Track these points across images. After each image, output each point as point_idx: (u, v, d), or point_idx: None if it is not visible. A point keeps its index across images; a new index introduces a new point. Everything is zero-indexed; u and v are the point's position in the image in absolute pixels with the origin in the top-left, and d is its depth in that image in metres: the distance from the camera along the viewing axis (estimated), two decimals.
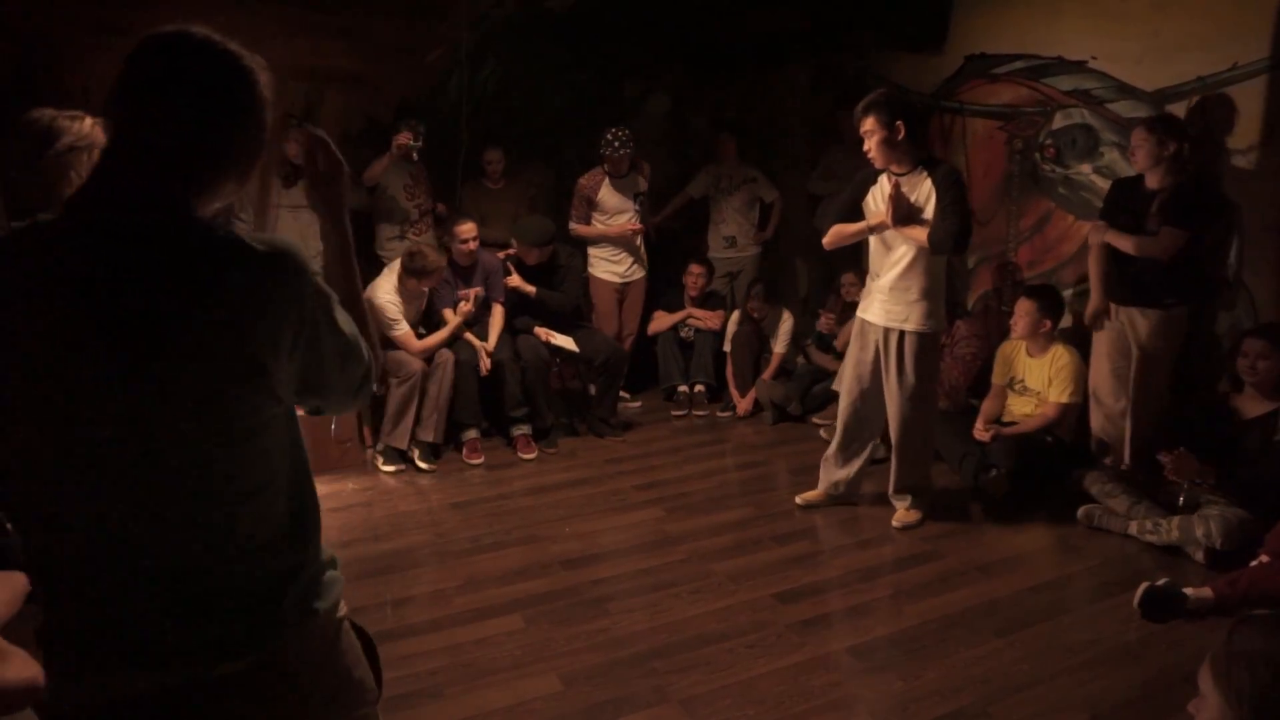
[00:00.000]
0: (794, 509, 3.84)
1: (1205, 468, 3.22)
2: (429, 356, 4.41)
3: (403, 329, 4.34)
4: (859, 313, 3.65)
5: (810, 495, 3.86)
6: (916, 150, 3.35)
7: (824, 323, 5.11)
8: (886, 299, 3.46)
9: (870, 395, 3.63)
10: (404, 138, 4.69)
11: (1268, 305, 3.53)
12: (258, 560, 1.07)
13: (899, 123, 3.23)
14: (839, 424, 3.79)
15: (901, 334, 3.45)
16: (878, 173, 3.43)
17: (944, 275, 3.46)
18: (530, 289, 4.75)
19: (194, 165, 1.05)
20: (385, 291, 4.32)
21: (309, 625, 1.11)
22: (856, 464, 3.78)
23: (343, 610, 1.21)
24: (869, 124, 3.28)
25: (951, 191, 3.25)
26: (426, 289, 4.47)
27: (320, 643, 1.14)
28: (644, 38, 5.67)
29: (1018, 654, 2.70)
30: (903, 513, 3.64)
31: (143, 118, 1.04)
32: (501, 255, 4.83)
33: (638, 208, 5.06)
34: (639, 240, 5.17)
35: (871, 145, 3.30)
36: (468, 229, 4.57)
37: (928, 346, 3.45)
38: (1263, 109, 3.44)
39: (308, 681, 1.11)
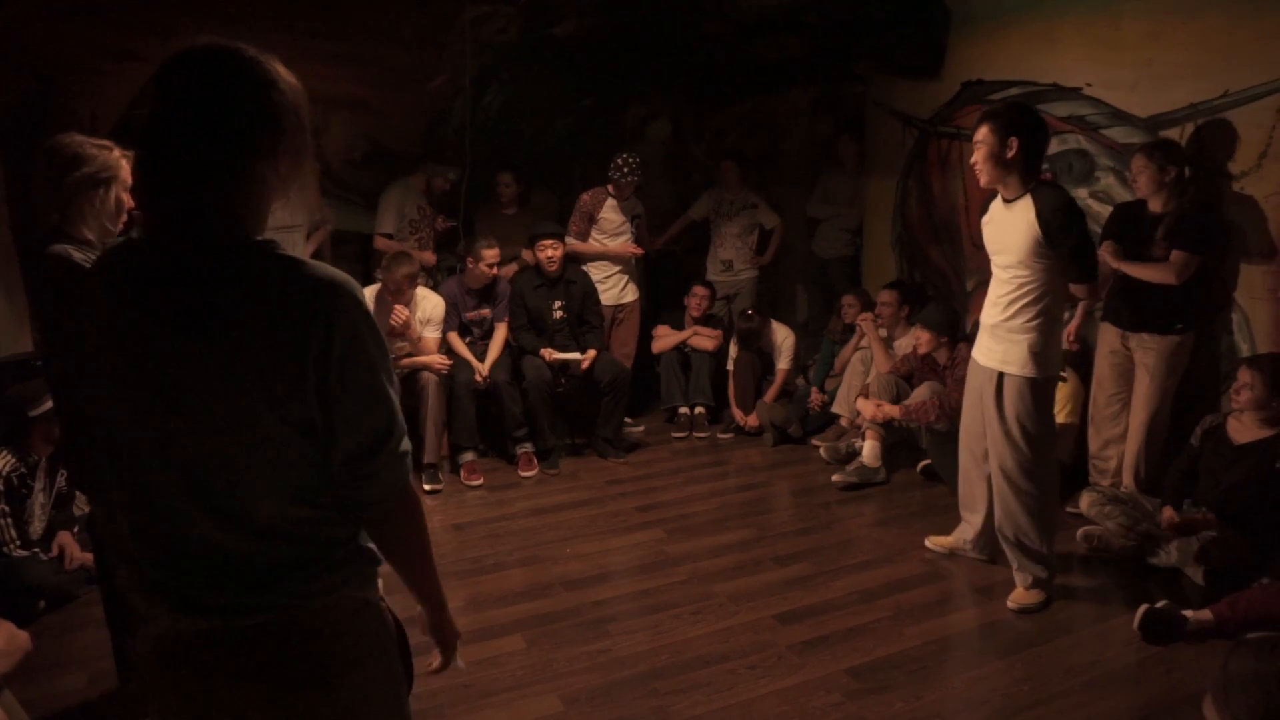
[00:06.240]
0: (794, 530, 3.85)
1: (1209, 518, 3.26)
2: (405, 375, 4.41)
3: None
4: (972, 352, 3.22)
5: (942, 541, 3.59)
6: (1028, 175, 2.90)
7: (815, 399, 5.14)
8: (990, 338, 3.08)
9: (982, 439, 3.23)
10: (440, 183, 5.04)
11: (1265, 329, 3.57)
12: (283, 540, 1.18)
13: (1013, 139, 2.83)
14: (960, 473, 3.45)
15: (1001, 376, 3.05)
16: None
17: (1058, 314, 3.00)
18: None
19: (224, 179, 1.11)
20: (364, 293, 4.38)
21: (331, 599, 1.22)
22: (982, 513, 3.41)
23: (375, 592, 1.30)
24: (981, 133, 2.88)
25: (1075, 225, 2.85)
26: (404, 300, 4.38)
27: (340, 616, 1.23)
28: (647, 64, 5.75)
29: (1018, 675, 2.70)
30: (1020, 592, 3.13)
31: (174, 132, 1.10)
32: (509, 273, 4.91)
33: (634, 229, 5.14)
34: (634, 261, 5.23)
35: (978, 158, 2.90)
36: (494, 254, 4.62)
37: (1030, 391, 2.99)
38: (1256, 135, 3.49)
39: (322, 646, 1.21)
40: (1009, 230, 2.93)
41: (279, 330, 1.09)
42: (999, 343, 3.03)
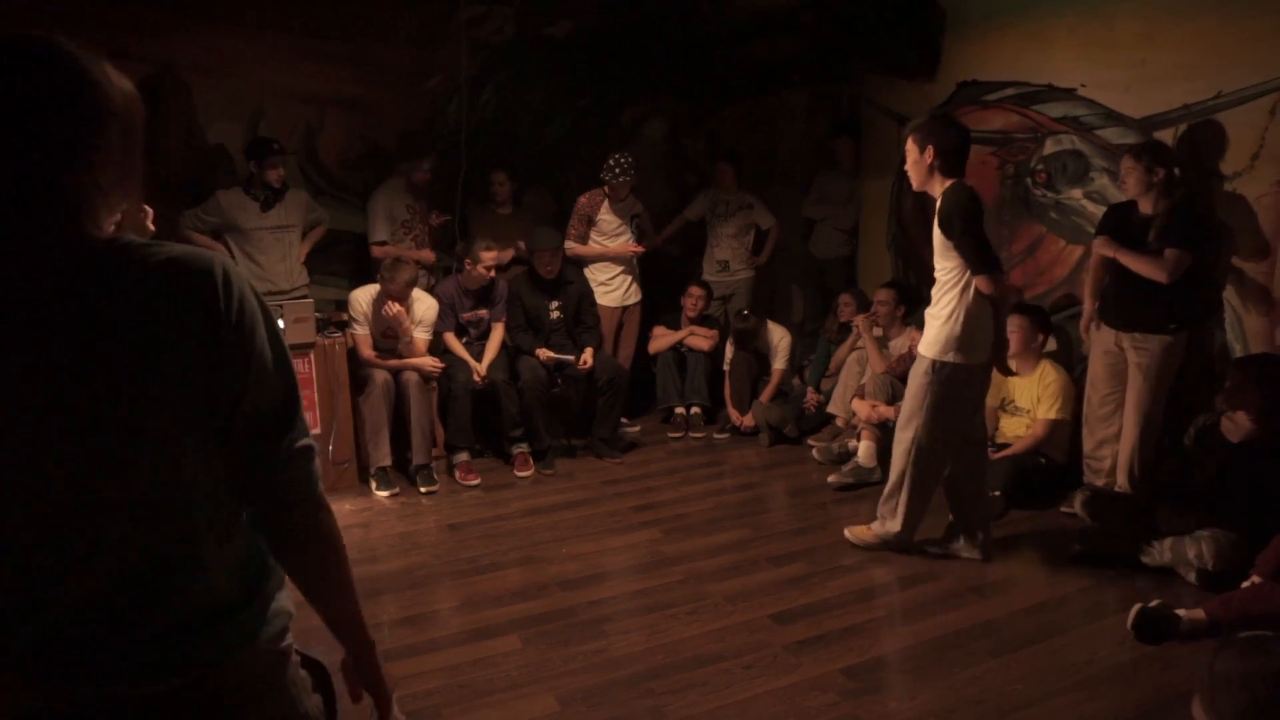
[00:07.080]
0: (790, 530, 3.85)
1: (1200, 516, 3.27)
2: (394, 374, 4.42)
3: (362, 331, 4.40)
4: None
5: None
6: (946, 178, 3.17)
7: (811, 399, 5.14)
8: (927, 325, 3.34)
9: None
10: (423, 175, 4.92)
11: (1257, 329, 3.58)
12: (191, 589, 1.03)
13: (930, 147, 3.13)
14: None
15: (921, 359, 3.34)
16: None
17: (972, 307, 3.17)
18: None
19: (55, 183, 0.95)
20: (362, 292, 4.44)
21: (244, 656, 1.07)
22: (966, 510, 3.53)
23: (288, 641, 1.17)
24: (907, 143, 3.20)
25: (960, 218, 3.09)
26: (394, 305, 4.34)
27: (256, 672, 1.10)
28: (643, 64, 5.76)
29: (1013, 675, 2.71)
30: (864, 529, 3.58)
31: None
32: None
33: (634, 230, 5.13)
34: (635, 262, 5.22)
35: (907, 165, 3.22)
36: (492, 257, 4.62)
37: (924, 370, 3.28)
38: (1248, 136, 3.50)
39: (239, 709, 1.08)
40: (934, 227, 3.23)
41: (186, 321, 0.97)
42: (926, 326, 3.33)
